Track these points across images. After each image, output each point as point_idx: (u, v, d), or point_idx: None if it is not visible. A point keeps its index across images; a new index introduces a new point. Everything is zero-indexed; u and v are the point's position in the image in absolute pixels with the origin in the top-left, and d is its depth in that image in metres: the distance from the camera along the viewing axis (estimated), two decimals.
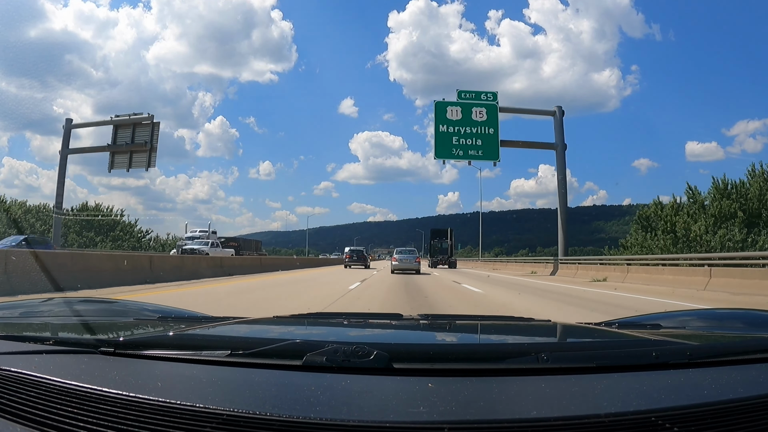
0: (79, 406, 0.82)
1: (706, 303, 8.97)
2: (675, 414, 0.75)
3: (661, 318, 1.73)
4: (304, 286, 13.75)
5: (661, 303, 8.99)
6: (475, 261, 52.51)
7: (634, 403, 0.79)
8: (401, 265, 22.42)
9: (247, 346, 1.00)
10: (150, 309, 1.81)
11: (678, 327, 1.54)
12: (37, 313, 1.75)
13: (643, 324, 1.50)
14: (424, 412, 0.75)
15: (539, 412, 0.76)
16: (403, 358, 0.94)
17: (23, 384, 0.89)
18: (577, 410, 0.78)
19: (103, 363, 1.01)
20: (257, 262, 24.89)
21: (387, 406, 0.79)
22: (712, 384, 0.89)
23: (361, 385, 0.87)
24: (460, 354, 1.05)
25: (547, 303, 9.62)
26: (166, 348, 1.04)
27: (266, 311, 6.98)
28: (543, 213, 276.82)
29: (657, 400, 0.81)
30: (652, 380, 0.90)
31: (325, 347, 0.93)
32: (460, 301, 9.56)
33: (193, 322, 1.56)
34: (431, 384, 0.86)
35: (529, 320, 1.78)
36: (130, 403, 0.80)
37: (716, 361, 1.01)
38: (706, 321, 1.69)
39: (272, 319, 1.75)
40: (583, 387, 0.88)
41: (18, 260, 9.09)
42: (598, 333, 1.42)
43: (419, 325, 1.60)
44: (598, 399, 0.84)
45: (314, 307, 7.45)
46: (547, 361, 0.93)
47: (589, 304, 9.12)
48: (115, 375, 0.93)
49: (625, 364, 0.96)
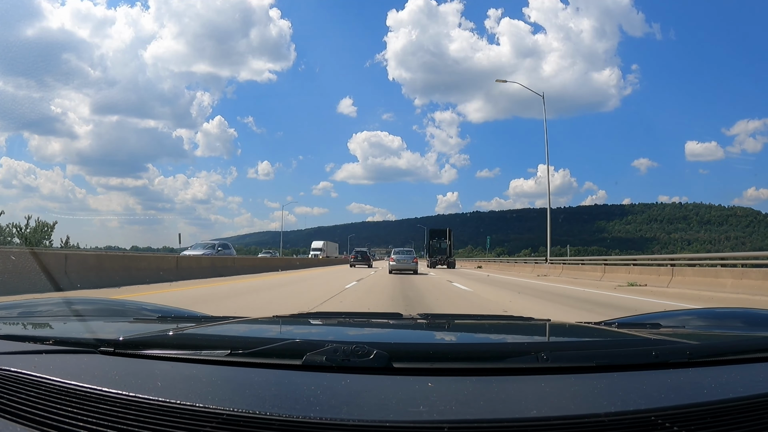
0: (79, 405, 0.82)
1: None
2: (675, 413, 0.76)
3: (661, 317, 1.73)
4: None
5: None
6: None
7: (633, 403, 0.79)
8: (399, 266, 22.61)
9: (246, 345, 1.00)
10: (149, 308, 1.81)
11: (678, 326, 1.54)
12: (36, 312, 1.75)
13: (642, 323, 1.50)
14: (424, 411, 0.75)
15: (539, 411, 0.76)
16: (402, 358, 0.94)
17: (23, 384, 0.89)
18: (577, 409, 0.78)
19: (103, 362, 1.01)
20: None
21: (387, 406, 0.79)
22: (712, 383, 0.89)
23: (360, 385, 0.87)
24: (459, 353, 1.05)
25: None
26: (166, 347, 1.04)
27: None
28: (543, 213, 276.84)
29: (657, 399, 0.81)
30: (652, 379, 0.90)
31: (324, 347, 0.93)
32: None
33: (192, 321, 1.56)
34: (431, 383, 0.86)
35: (529, 319, 1.78)
36: (130, 403, 0.80)
37: (716, 361, 1.02)
38: (705, 320, 1.69)
39: (272, 319, 1.75)
40: (583, 386, 0.89)
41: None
42: (598, 332, 1.42)
43: (419, 324, 1.60)
44: (598, 398, 0.84)
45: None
46: (546, 360, 0.93)
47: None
48: (115, 375, 0.93)
49: (624, 364, 0.96)
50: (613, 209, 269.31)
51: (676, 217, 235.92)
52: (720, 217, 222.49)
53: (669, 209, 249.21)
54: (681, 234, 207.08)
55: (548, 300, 10.25)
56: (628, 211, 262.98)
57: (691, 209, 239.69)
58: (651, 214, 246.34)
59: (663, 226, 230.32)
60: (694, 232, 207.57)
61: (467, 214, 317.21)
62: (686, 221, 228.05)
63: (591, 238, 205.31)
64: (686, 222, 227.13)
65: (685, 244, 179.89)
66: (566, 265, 24.35)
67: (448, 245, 42.38)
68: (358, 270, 27.45)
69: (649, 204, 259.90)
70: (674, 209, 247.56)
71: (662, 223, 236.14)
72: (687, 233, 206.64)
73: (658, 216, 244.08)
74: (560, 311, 7.89)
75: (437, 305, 8.58)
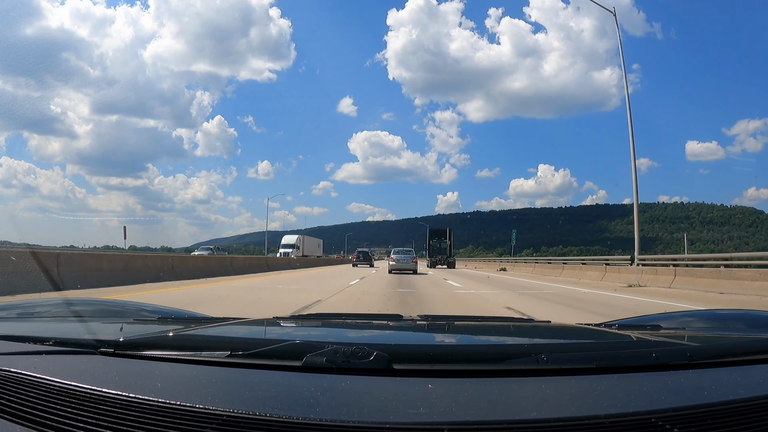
0: (78, 406, 0.82)
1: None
2: (675, 415, 0.75)
3: (661, 319, 1.73)
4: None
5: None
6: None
7: (634, 404, 0.79)
8: (398, 265, 22.83)
9: (246, 346, 1.00)
10: (148, 309, 1.81)
11: (678, 328, 1.54)
12: (36, 313, 1.75)
13: (643, 325, 1.50)
14: (424, 413, 0.75)
15: (539, 413, 0.76)
16: (402, 359, 0.94)
17: (23, 384, 0.89)
18: (577, 411, 0.78)
19: (102, 363, 1.01)
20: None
21: (387, 407, 0.79)
22: (713, 385, 0.89)
23: (360, 386, 0.87)
24: (459, 355, 1.05)
25: None
26: (165, 348, 1.04)
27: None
28: (543, 213, 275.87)
29: (657, 401, 0.81)
30: (652, 381, 0.90)
31: (324, 348, 0.93)
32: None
33: (192, 322, 1.56)
34: (431, 385, 0.86)
35: (529, 321, 1.78)
36: (130, 404, 0.80)
37: (716, 362, 1.02)
38: (706, 322, 1.69)
39: (272, 320, 1.75)
40: (583, 388, 0.88)
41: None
42: (598, 334, 1.42)
43: (419, 326, 1.60)
44: (598, 400, 0.84)
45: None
46: (546, 362, 0.93)
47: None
48: (114, 375, 0.93)
49: (625, 365, 0.96)
50: (614, 209, 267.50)
51: (678, 217, 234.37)
52: (722, 217, 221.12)
53: (671, 209, 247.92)
54: (683, 234, 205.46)
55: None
56: (630, 210, 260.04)
57: (693, 209, 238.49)
58: (653, 214, 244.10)
59: (665, 226, 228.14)
60: (697, 232, 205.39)
61: (467, 215, 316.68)
62: (688, 221, 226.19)
63: (592, 238, 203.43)
64: (688, 221, 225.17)
65: (688, 244, 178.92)
66: (681, 268, 15.19)
67: (448, 245, 42.37)
68: (360, 269, 28.34)
69: (651, 204, 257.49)
70: (676, 209, 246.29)
71: (664, 222, 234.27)
72: (689, 233, 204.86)
73: (660, 216, 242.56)
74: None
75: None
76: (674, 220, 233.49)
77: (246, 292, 10.70)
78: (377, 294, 10.32)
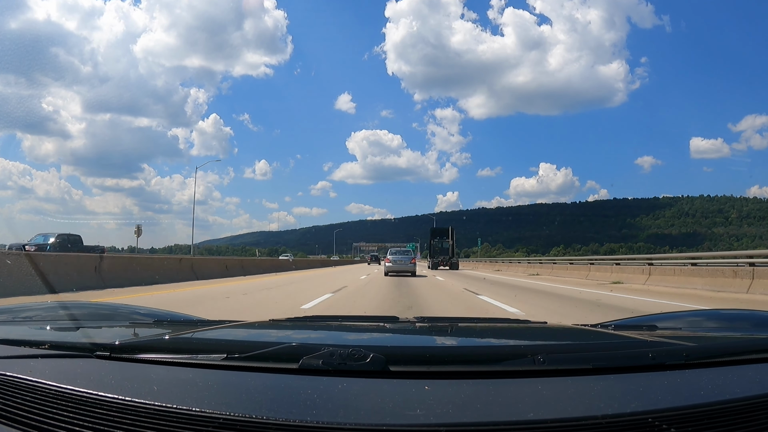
0: (74, 410, 0.81)
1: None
2: (672, 415, 0.76)
3: (658, 319, 1.73)
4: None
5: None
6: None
7: (630, 405, 0.79)
8: (395, 267, 20.95)
9: (243, 349, 1.00)
10: (142, 312, 1.81)
11: (674, 328, 1.54)
12: (31, 316, 1.74)
13: (639, 325, 1.50)
14: (421, 414, 0.75)
15: (536, 414, 0.77)
16: (399, 361, 0.94)
17: (19, 388, 0.89)
18: (574, 412, 0.78)
19: (98, 367, 1.01)
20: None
21: (383, 409, 0.79)
22: (709, 385, 0.89)
23: (357, 388, 0.87)
24: (456, 356, 1.06)
25: None
26: (162, 352, 1.04)
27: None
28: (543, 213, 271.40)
29: (654, 401, 0.81)
30: (649, 381, 0.90)
31: (321, 350, 0.93)
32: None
33: (188, 325, 1.56)
34: (428, 387, 0.86)
35: (525, 322, 1.78)
36: (126, 407, 0.79)
37: (713, 362, 1.02)
38: (702, 322, 1.69)
39: (268, 323, 1.75)
40: (580, 388, 0.89)
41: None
42: (595, 335, 1.42)
43: (415, 327, 1.60)
44: (595, 400, 0.84)
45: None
46: (543, 363, 0.93)
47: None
48: (111, 379, 0.93)
49: (621, 366, 0.96)
50: (641, 203, 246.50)
51: (711, 211, 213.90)
52: (761, 210, 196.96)
53: (698, 202, 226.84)
54: (722, 229, 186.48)
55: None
56: (656, 205, 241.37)
57: (725, 202, 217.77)
58: (680, 208, 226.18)
59: (698, 221, 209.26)
60: (736, 227, 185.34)
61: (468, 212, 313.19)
62: (722, 214, 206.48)
63: (619, 235, 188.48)
64: (722, 215, 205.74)
65: (733, 240, 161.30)
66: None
67: (451, 245, 39.99)
68: (370, 267, 42.25)
69: (677, 197, 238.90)
70: (704, 202, 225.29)
71: (695, 217, 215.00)
72: (728, 228, 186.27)
73: (688, 210, 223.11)
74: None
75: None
76: (706, 214, 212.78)
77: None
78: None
